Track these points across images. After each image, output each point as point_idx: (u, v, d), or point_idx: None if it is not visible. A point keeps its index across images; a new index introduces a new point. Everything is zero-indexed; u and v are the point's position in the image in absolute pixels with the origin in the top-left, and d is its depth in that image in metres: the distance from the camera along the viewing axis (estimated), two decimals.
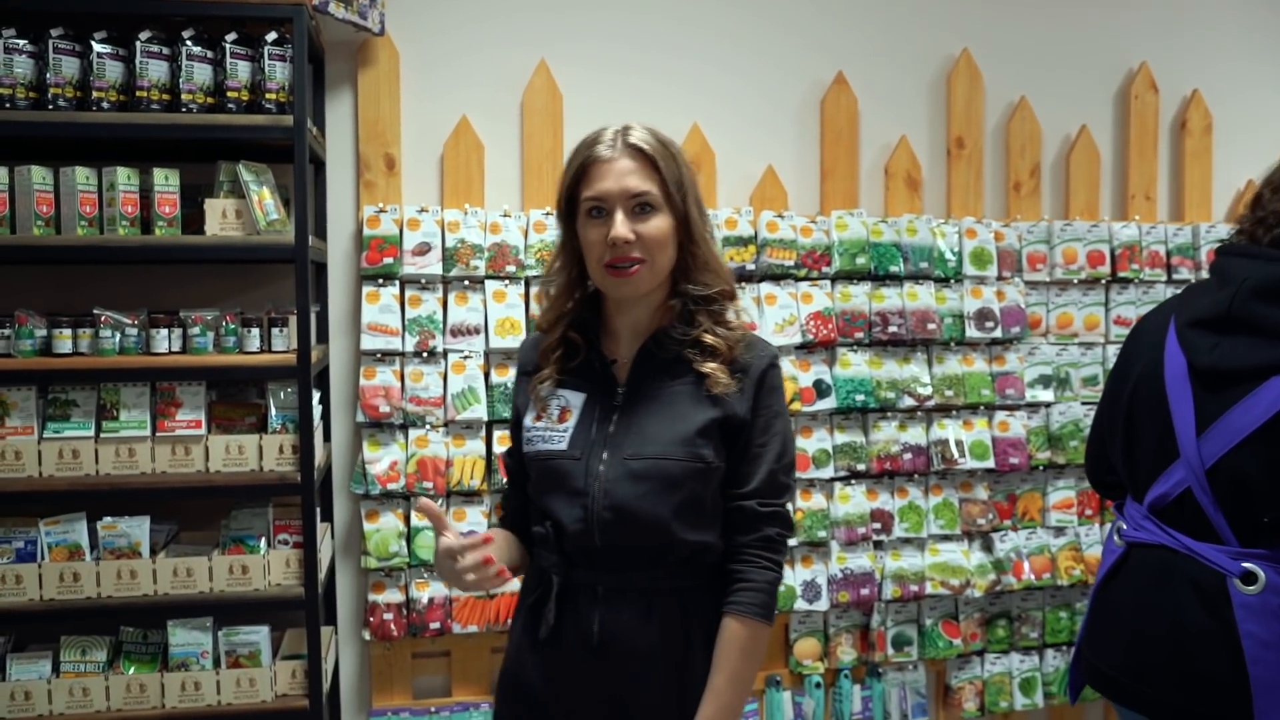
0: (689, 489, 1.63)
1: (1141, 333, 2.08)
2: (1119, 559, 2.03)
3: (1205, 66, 3.62)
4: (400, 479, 2.95)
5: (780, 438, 1.70)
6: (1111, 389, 2.12)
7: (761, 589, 1.66)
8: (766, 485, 1.67)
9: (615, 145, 1.66)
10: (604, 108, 3.15)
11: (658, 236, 1.64)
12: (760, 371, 1.69)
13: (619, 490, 1.63)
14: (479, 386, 2.99)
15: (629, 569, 1.65)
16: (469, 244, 2.99)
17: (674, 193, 1.65)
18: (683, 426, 1.64)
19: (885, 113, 3.37)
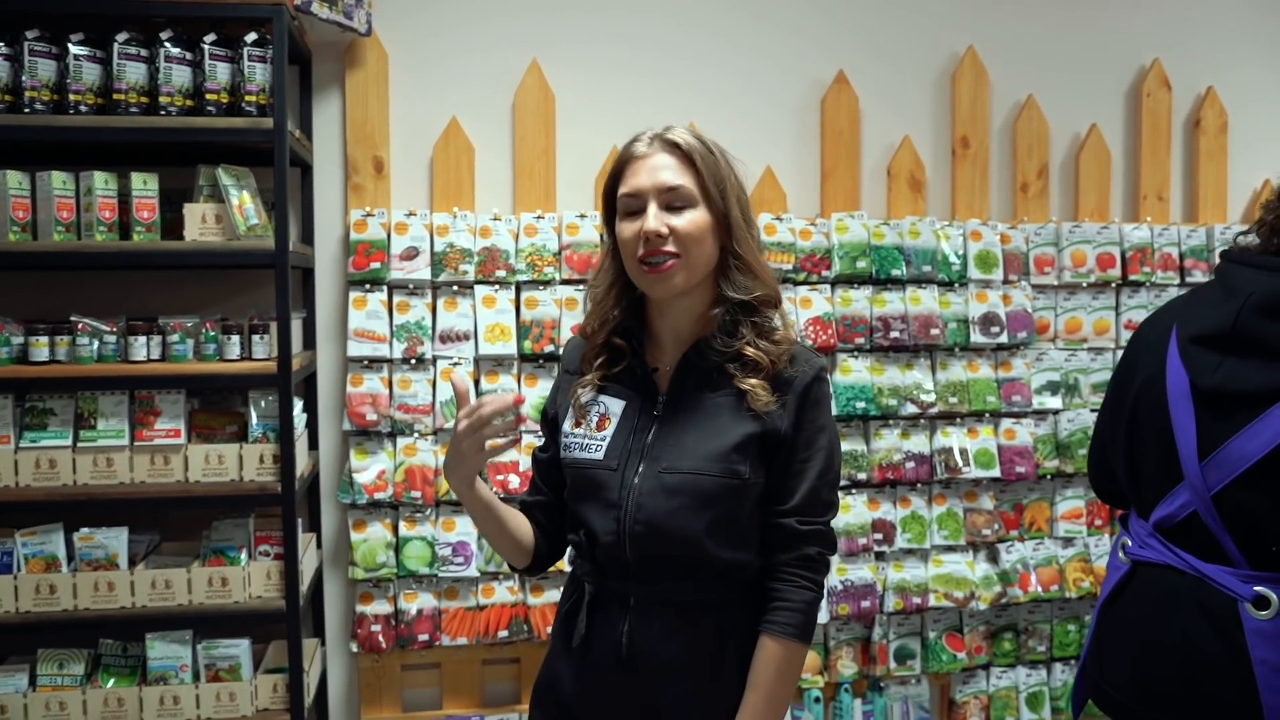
0: (723, 505, 1.59)
1: (1144, 340, 1.98)
2: (1124, 577, 1.95)
3: (1220, 63, 3.51)
4: (388, 488, 2.89)
5: (824, 453, 1.64)
6: (1112, 398, 2.03)
7: (799, 609, 1.61)
8: (808, 502, 1.62)
9: (652, 142, 1.64)
10: (598, 108, 3.09)
11: (692, 231, 1.59)
12: (804, 385, 1.63)
13: (652, 504, 1.60)
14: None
15: (661, 581, 1.62)
16: (458, 248, 2.93)
17: (712, 188, 1.62)
18: (719, 441, 1.60)
19: (888, 112, 3.29)
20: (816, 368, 1.66)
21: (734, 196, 1.64)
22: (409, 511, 2.93)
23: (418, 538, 2.92)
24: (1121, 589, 1.95)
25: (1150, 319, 1.99)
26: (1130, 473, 1.95)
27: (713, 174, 1.62)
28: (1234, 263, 1.85)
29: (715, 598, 1.63)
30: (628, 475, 1.62)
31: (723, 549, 1.60)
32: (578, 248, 2.99)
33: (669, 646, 1.61)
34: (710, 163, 1.63)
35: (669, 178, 1.60)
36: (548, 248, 2.98)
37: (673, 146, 1.62)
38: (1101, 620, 1.99)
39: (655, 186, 1.60)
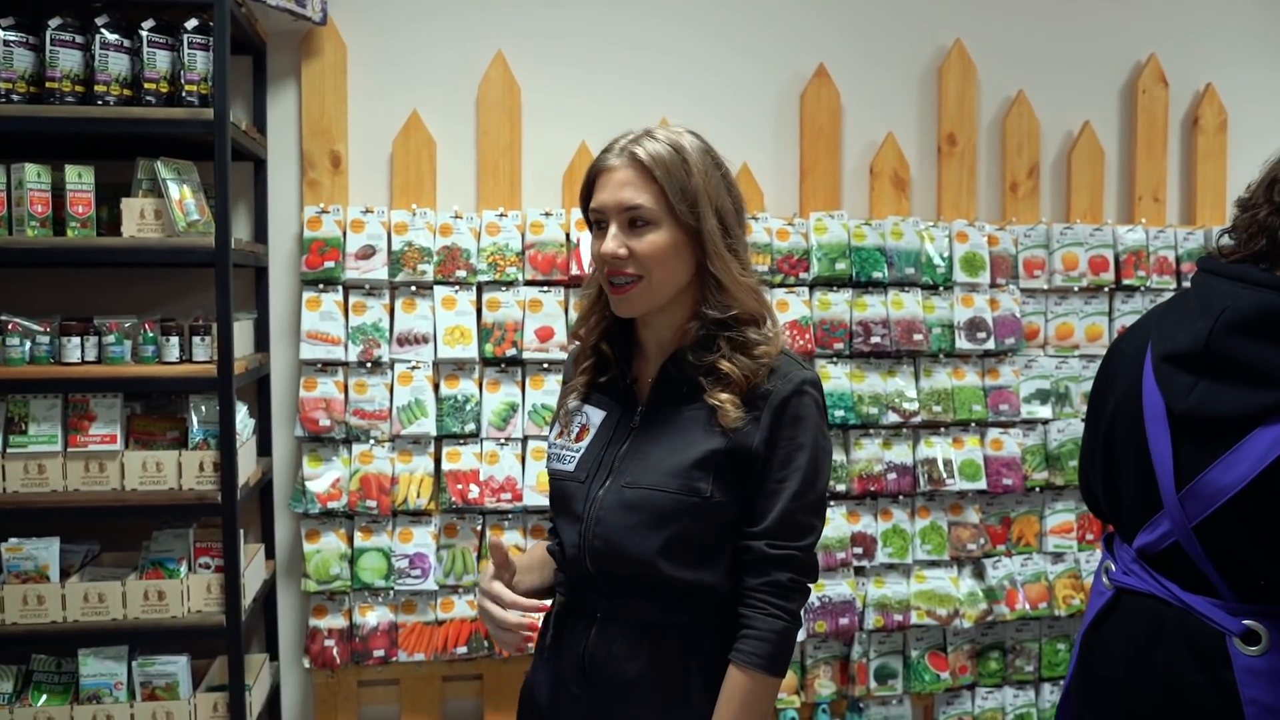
0: (681, 524, 1.53)
1: (1120, 354, 1.85)
2: (1108, 604, 1.82)
3: (1219, 60, 3.37)
4: (342, 497, 2.77)
5: (801, 473, 1.54)
6: (1091, 415, 1.90)
7: (766, 638, 1.53)
8: (780, 525, 1.54)
9: (620, 154, 1.57)
10: (565, 102, 2.96)
11: (652, 252, 1.53)
12: (781, 400, 1.54)
13: (610, 519, 1.56)
14: (427, 399, 2.81)
15: (623, 598, 1.58)
16: (417, 247, 2.80)
17: (678, 205, 1.53)
18: (681, 457, 1.55)
19: (870, 108, 3.16)
20: (797, 382, 1.56)
21: (709, 209, 1.55)
22: (364, 521, 2.81)
23: (373, 549, 2.79)
24: (1105, 616, 1.83)
25: (1128, 331, 1.86)
26: (1109, 494, 1.83)
27: (679, 189, 1.53)
28: (1209, 273, 1.71)
29: (680, 619, 1.57)
30: (593, 488, 1.59)
31: (681, 569, 1.54)
32: (542, 247, 2.87)
33: (629, 665, 1.57)
34: (678, 177, 1.53)
35: (629, 196, 1.54)
36: (510, 247, 2.86)
37: (635, 161, 1.55)
38: (1084, 649, 1.87)
39: (615, 205, 1.55)
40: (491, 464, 2.85)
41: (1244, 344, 1.57)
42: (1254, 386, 1.56)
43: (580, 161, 2.95)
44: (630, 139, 1.59)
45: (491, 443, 2.86)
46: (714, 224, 1.56)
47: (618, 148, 1.58)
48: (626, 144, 1.58)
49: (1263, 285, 1.58)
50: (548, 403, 2.87)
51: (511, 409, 2.87)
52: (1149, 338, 1.76)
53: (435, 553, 2.82)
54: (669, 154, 1.55)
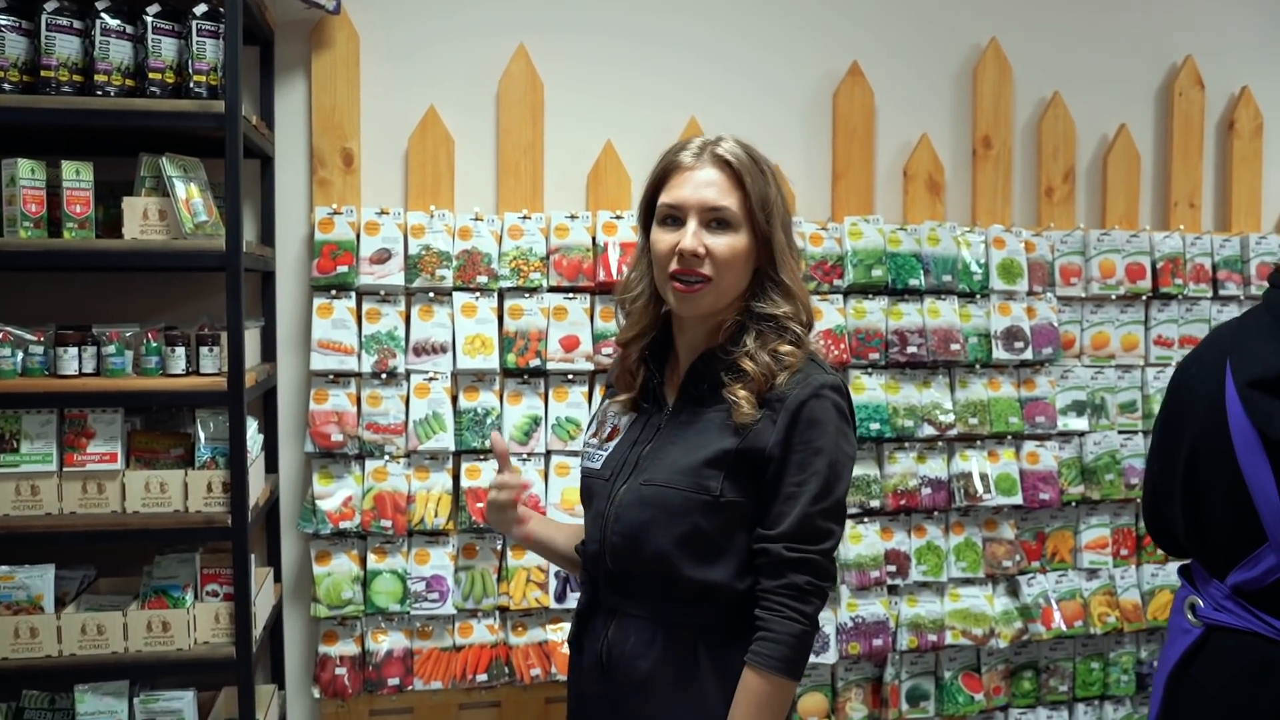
0: (692, 521, 1.55)
1: (1191, 383, 1.74)
2: (1196, 642, 1.71)
3: (1256, 63, 3.29)
4: (355, 516, 2.60)
5: (820, 478, 1.54)
6: (1161, 447, 1.80)
7: (782, 641, 1.53)
8: (797, 529, 1.53)
9: (701, 154, 1.60)
10: (590, 100, 2.82)
11: (728, 256, 1.57)
12: (798, 403, 1.55)
13: (628, 516, 1.59)
14: (445, 412, 2.65)
15: (640, 595, 1.61)
16: (435, 251, 2.64)
17: (757, 211, 1.58)
18: (694, 455, 1.57)
19: (904, 109, 3.03)
20: (817, 385, 1.56)
21: (779, 220, 1.61)
22: (378, 542, 2.64)
23: (388, 571, 2.63)
24: (1193, 655, 1.72)
25: (1196, 356, 1.75)
26: (1195, 530, 1.72)
27: (760, 196, 1.58)
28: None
29: (694, 617, 1.58)
30: (616, 486, 1.63)
31: (695, 568, 1.56)
32: (567, 252, 2.71)
33: (642, 662, 1.59)
34: (759, 184, 1.59)
35: (714, 196, 1.57)
36: (534, 251, 2.70)
37: (722, 163, 1.58)
38: (1171, 690, 1.76)
39: (699, 203, 1.57)
40: None
41: None
42: None
43: (605, 162, 2.80)
44: (706, 141, 1.61)
45: (514, 458, 2.70)
46: (782, 234, 1.61)
47: (694, 146, 1.61)
48: (705, 144, 1.61)
49: None
50: (572, 416, 2.72)
51: (534, 422, 2.71)
52: (1223, 363, 1.66)
53: (453, 575, 2.66)
54: (748, 160, 1.59)
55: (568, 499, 2.70)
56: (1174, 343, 3.16)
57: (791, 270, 1.63)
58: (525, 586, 2.69)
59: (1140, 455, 3.11)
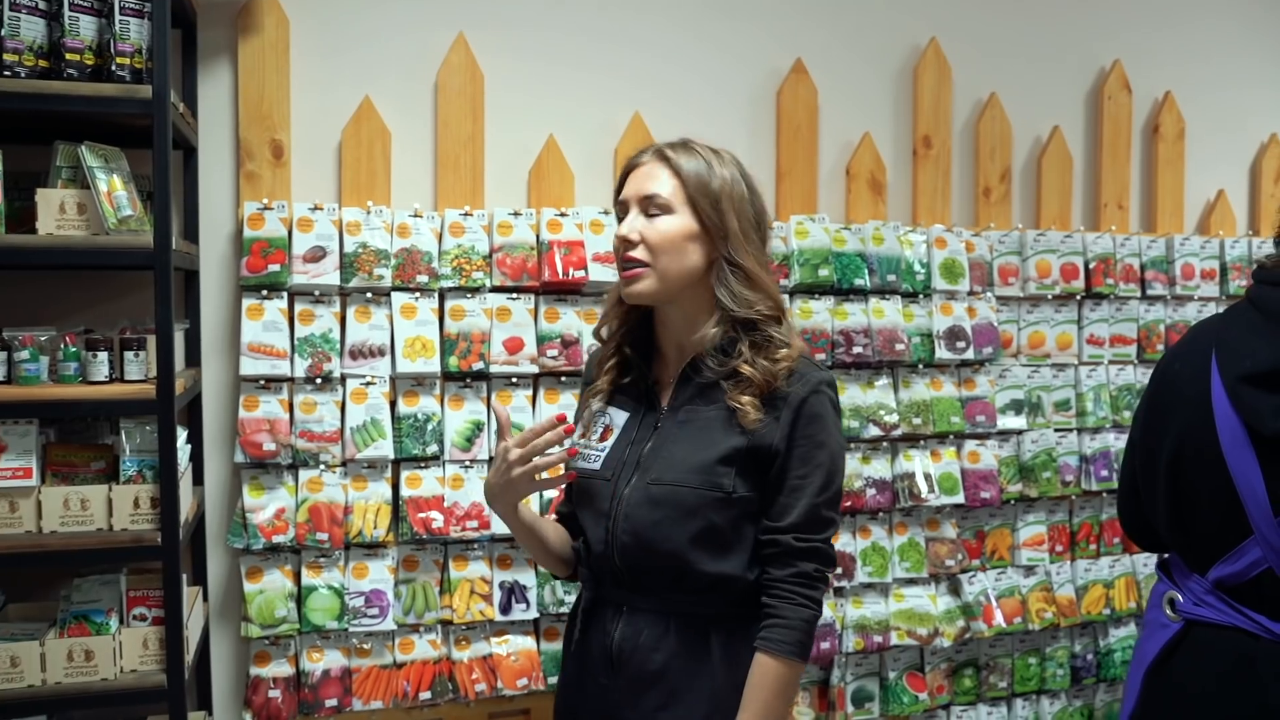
0: (705, 518, 1.61)
1: (1176, 381, 1.73)
2: (1175, 637, 1.71)
3: (1179, 66, 3.38)
4: (289, 529, 2.46)
5: (823, 470, 1.62)
6: (1144, 444, 1.79)
7: (797, 626, 1.59)
8: (805, 520, 1.60)
9: (650, 151, 1.69)
10: (532, 94, 2.72)
11: (659, 240, 1.63)
12: (799, 400, 1.62)
13: (637, 515, 1.63)
14: (384, 418, 2.52)
15: (650, 591, 1.65)
16: (372, 249, 2.51)
17: (698, 197, 1.63)
18: (705, 454, 1.62)
19: (847, 107, 3.02)
20: (815, 383, 1.63)
21: (731, 206, 1.64)
22: (314, 556, 2.50)
23: (324, 587, 2.49)
24: (1172, 651, 1.72)
25: (1178, 352, 1.75)
26: (1176, 525, 1.72)
27: (698, 182, 1.63)
28: (1272, 284, 1.63)
29: (706, 609, 1.63)
30: (619, 486, 1.66)
31: (708, 561, 1.61)
32: (510, 250, 2.61)
33: (654, 654, 1.63)
34: (698, 169, 1.64)
35: (648, 186, 1.64)
36: (476, 249, 2.60)
37: (662, 157, 1.66)
38: (1149, 687, 1.75)
39: (635, 194, 1.66)
40: (456, 489, 2.58)
41: None
42: None
43: (548, 157, 2.71)
44: (660, 144, 1.70)
45: (455, 466, 2.59)
46: (735, 220, 1.64)
47: (651, 150, 1.69)
48: (657, 147, 1.69)
49: None
50: (517, 421, 2.62)
51: (477, 428, 2.61)
52: (1208, 359, 1.66)
53: (393, 589, 2.53)
54: (692, 154, 1.66)
55: None
56: (1105, 342, 3.22)
57: (753, 257, 1.65)
58: (469, 599, 2.59)
59: (1074, 453, 3.16)
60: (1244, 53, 3.48)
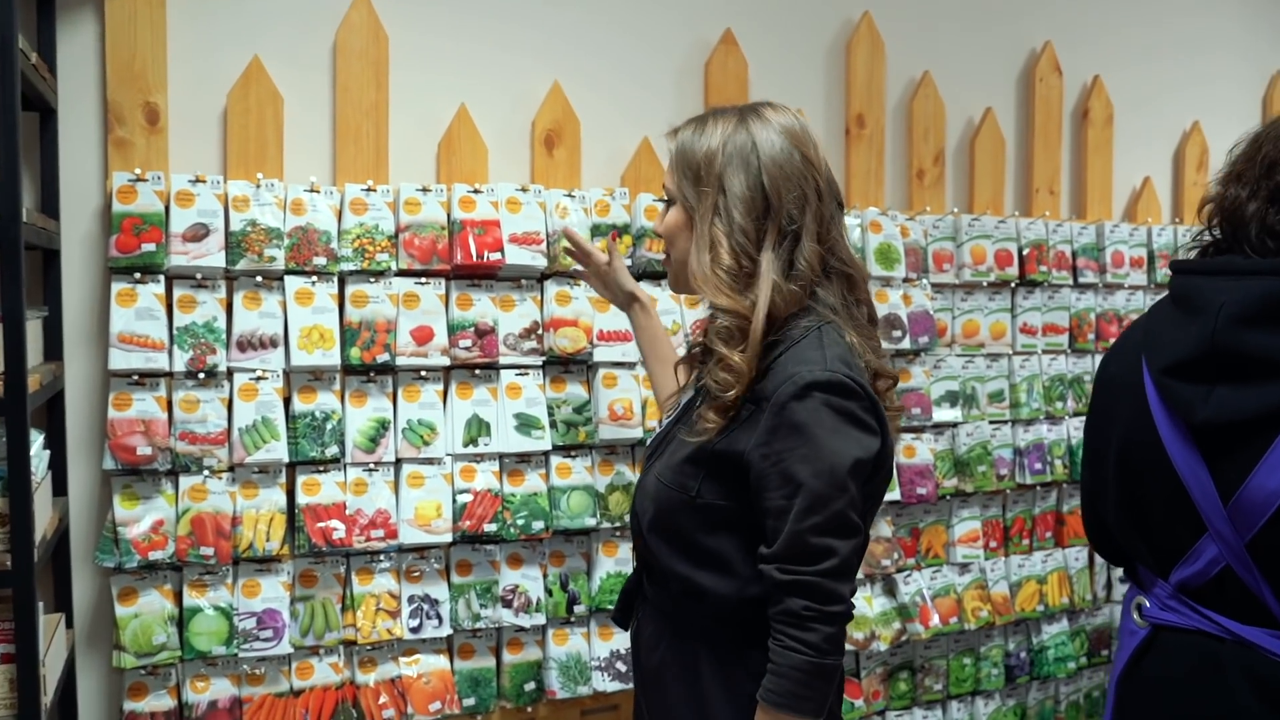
0: (674, 519, 1.54)
1: (1110, 382, 1.69)
2: (1143, 643, 1.65)
3: (1107, 49, 3.31)
4: (168, 544, 2.17)
5: (808, 491, 1.40)
6: (1092, 449, 1.73)
7: (783, 674, 1.41)
8: (788, 549, 1.41)
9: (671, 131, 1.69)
10: (442, 58, 2.49)
11: (665, 232, 1.64)
12: (778, 405, 1.43)
13: (639, 503, 1.64)
14: (277, 417, 2.25)
15: (652, 585, 1.64)
16: (262, 227, 2.24)
17: (682, 182, 1.58)
18: (681, 451, 1.56)
19: (778, 82, 2.85)
20: (800, 385, 1.42)
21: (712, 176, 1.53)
22: (197, 574, 2.22)
23: (210, 608, 2.21)
24: (1141, 656, 1.65)
25: (1112, 354, 1.70)
26: (1133, 529, 1.65)
27: (688, 164, 1.56)
28: (1189, 274, 1.56)
29: (695, 619, 1.55)
30: (650, 466, 1.64)
31: (677, 564, 1.54)
32: (419, 230, 2.37)
33: (655, 654, 1.61)
34: (689, 153, 1.57)
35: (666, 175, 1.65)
36: (381, 229, 2.35)
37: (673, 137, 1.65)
38: (1122, 693, 1.68)
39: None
40: (359, 494, 2.33)
41: (1253, 336, 1.43)
42: (1271, 379, 1.42)
43: (459, 128, 2.47)
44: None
45: (358, 469, 2.34)
46: (709, 203, 1.52)
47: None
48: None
49: (1258, 273, 1.44)
50: (425, 418, 2.39)
51: (381, 427, 2.36)
52: (1138, 355, 1.61)
53: (289, 608, 2.27)
54: (694, 128, 1.60)
55: (423, 514, 2.36)
56: (1037, 330, 3.13)
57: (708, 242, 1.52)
58: (375, 616, 2.34)
59: (1008, 445, 3.07)
60: (1168, 38, 3.44)
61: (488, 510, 2.42)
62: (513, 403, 2.46)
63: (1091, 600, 3.24)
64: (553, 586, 2.52)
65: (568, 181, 2.58)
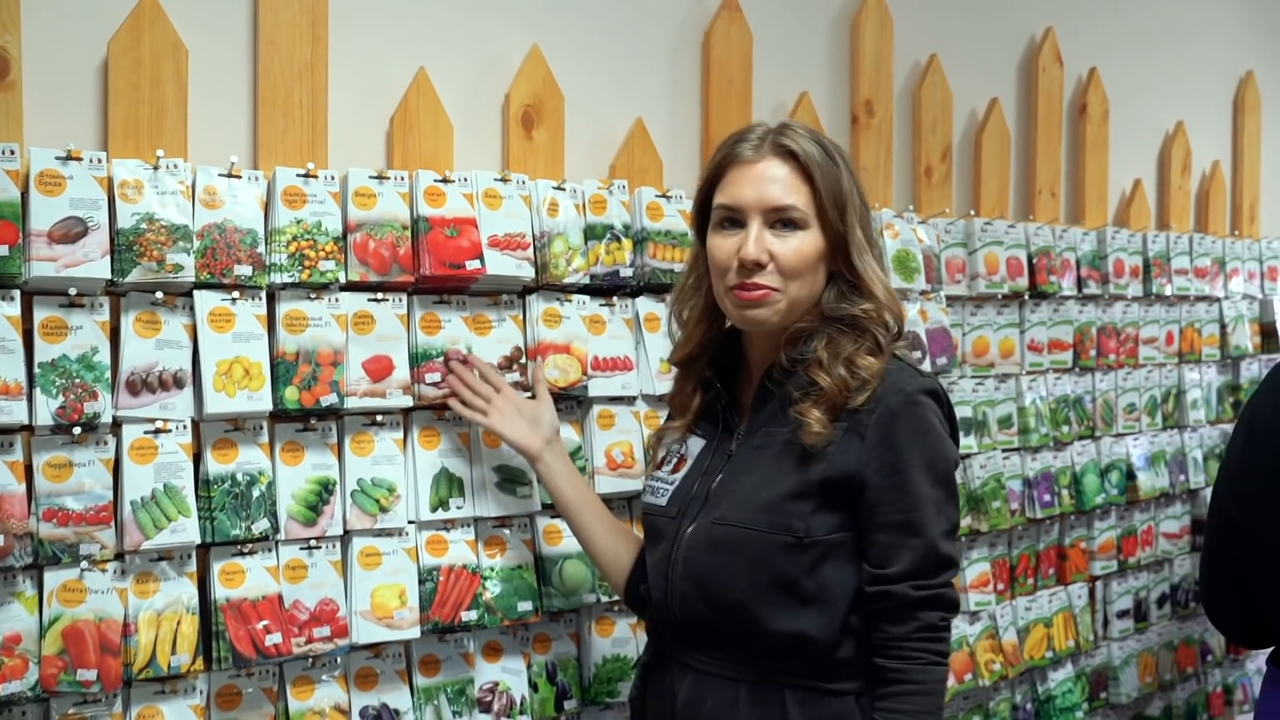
0: (774, 567, 1.41)
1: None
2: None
3: (1108, 41, 3.04)
4: (28, 669, 1.54)
5: (931, 501, 1.40)
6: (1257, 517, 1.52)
7: (931, 690, 1.40)
8: (922, 564, 1.39)
9: (762, 145, 1.49)
10: (396, 11, 1.92)
11: (797, 262, 1.46)
12: (889, 415, 1.40)
13: (698, 560, 1.47)
14: (183, 484, 1.65)
15: (716, 649, 1.47)
16: (162, 223, 1.63)
17: (830, 209, 1.46)
18: (772, 489, 1.43)
19: (781, 59, 2.42)
20: (908, 393, 1.42)
21: (855, 215, 1.49)
22: (71, 705, 1.59)
23: None
24: None
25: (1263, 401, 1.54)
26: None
27: (832, 190, 1.46)
28: None
29: (782, 672, 1.43)
30: (684, 525, 1.51)
31: (781, 618, 1.42)
32: (375, 230, 1.81)
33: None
34: (831, 176, 1.47)
35: (778, 195, 1.46)
36: (324, 228, 1.77)
37: (788, 155, 1.47)
38: None
39: (761, 203, 1.47)
40: (296, 582, 1.75)
41: None
42: None
43: (418, 99, 1.92)
44: (768, 129, 1.51)
45: (294, 547, 1.75)
46: (859, 231, 1.49)
47: (754, 138, 1.50)
48: (768, 133, 1.50)
49: None
50: (382, 476, 1.83)
51: (324, 489, 1.78)
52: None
53: None
54: (819, 149, 1.47)
55: (381, 603, 1.80)
56: (1044, 348, 2.81)
57: (870, 269, 1.48)
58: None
59: (1018, 476, 2.74)
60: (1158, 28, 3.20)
61: (464, 592, 1.87)
62: (491, 452, 1.93)
63: (1093, 640, 2.97)
64: (538, 679, 2.00)
65: (550, 170, 2.06)
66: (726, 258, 1.47)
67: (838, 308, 1.47)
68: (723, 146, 1.53)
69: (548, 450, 1.77)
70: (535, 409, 1.81)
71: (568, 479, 1.77)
